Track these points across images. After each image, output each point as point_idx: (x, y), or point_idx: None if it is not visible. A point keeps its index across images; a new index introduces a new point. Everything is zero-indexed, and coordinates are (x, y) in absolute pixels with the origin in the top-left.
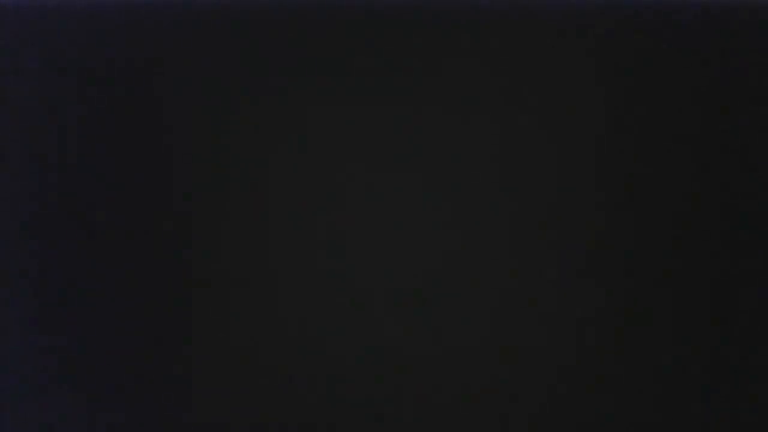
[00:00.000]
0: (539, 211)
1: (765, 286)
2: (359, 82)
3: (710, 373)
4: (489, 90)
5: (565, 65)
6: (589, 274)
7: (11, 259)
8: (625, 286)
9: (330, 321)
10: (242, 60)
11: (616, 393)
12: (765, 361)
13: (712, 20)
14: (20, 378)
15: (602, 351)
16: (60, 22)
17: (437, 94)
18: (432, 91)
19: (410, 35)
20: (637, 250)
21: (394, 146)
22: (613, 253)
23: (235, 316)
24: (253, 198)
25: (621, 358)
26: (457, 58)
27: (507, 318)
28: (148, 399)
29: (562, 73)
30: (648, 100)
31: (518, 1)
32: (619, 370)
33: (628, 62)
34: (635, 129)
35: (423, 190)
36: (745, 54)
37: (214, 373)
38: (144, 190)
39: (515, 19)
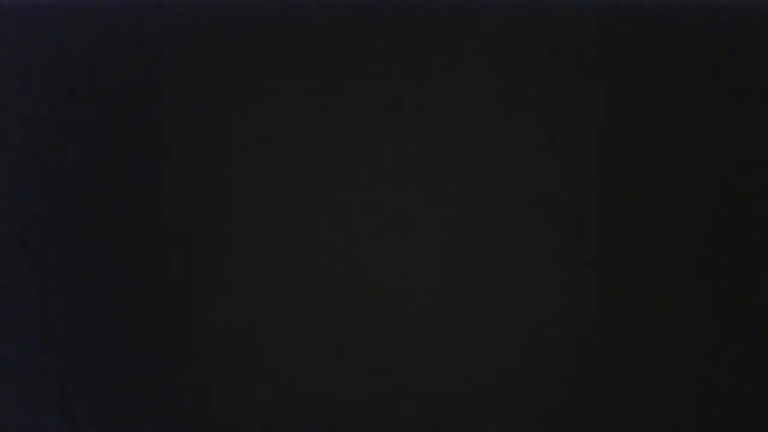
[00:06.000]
0: (540, 211)
1: (765, 286)
2: (359, 82)
3: (710, 373)
4: (489, 90)
5: (565, 65)
6: (590, 274)
7: (11, 259)
8: (626, 286)
9: (330, 321)
10: (242, 60)
11: (617, 393)
12: (765, 361)
13: (712, 20)
14: (20, 378)
15: (602, 351)
16: (60, 22)
17: (437, 94)
18: (432, 91)
19: (411, 35)
20: (637, 249)
21: (393, 146)
22: (614, 253)
23: (236, 316)
24: (253, 197)
25: (621, 359)
26: (457, 58)
27: (507, 318)
28: (148, 399)
29: (563, 73)
30: (648, 100)
31: (519, 1)
32: (620, 370)
33: (628, 62)
34: (635, 129)
35: (423, 190)
36: (745, 54)
37: (214, 373)
38: (144, 189)
39: (516, 20)
